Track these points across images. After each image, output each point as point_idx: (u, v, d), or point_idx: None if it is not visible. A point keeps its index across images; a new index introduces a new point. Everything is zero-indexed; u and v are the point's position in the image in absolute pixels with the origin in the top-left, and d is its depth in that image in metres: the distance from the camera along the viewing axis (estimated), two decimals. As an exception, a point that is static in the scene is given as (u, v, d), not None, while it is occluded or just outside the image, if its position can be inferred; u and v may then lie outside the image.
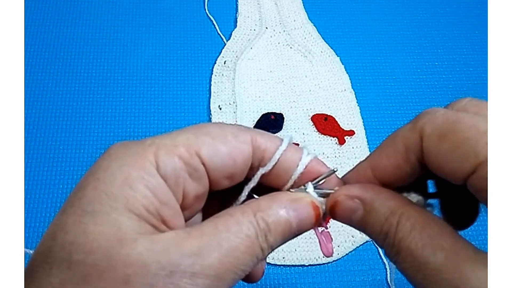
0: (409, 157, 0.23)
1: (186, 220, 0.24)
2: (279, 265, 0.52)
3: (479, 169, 0.20)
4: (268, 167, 0.24)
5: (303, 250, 0.53)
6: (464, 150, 0.20)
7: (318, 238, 0.27)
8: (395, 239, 0.22)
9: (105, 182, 0.21)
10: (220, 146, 0.23)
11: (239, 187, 0.25)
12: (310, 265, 0.52)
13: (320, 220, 0.25)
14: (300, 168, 0.25)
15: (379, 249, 0.53)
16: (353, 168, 0.26)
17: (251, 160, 0.24)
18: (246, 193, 0.25)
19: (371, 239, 0.24)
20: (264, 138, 0.25)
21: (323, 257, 0.52)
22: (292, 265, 0.52)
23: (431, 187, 0.27)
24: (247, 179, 0.25)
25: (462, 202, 0.25)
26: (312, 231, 0.26)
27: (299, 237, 0.25)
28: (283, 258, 0.52)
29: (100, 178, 0.21)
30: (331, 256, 0.26)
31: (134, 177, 0.21)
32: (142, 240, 0.20)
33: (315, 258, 0.52)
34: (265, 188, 0.25)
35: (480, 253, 0.20)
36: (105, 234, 0.19)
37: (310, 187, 0.25)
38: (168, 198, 0.22)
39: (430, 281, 0.20)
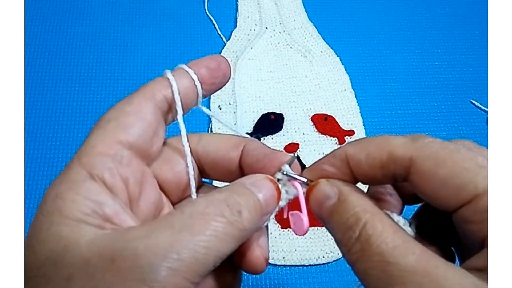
0: (387, 168, 0.23)
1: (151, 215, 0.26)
2: (279, 265, 0.52)
3: (476, 201, 0.20)
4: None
5: (303, 250, 0.53)
6: (461, 180, 0.21)
7: (290, 220, 0.27)
8: (361, 235, 0.21)
9: (41, 208, 0.22)
10: (125, 120, 0.25)
11: None
12: (310, 265, 0.52)
13: (281, 196, 0.25)
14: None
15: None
16: (331, 152, 0.26)
17: (160, 111, 0.26)
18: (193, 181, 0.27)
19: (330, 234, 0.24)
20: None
21: (323, 257, 0.52)
22: (292, 265, 0.52)
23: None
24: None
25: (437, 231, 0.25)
26: (312, 232, 0.26)
27: (299, 237, 0.25)
28: (283, 258, 0.52)
29: (38, 208, 0.23)
30: (305, 234, 0.26)
31: (62, 190, 0.22)
32: (84, 240, 0.21)
33: (315, 258, 0.52)
34: None
35: (452, 264, 0.20)
36: (49, 247, 0.21)
37: (278, 175, 0.26)
38: (103, 197, 0.22)
39: (397, 282, 0.20)
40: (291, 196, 0.26)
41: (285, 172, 0.26)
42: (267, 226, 0.27)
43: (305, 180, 0.26)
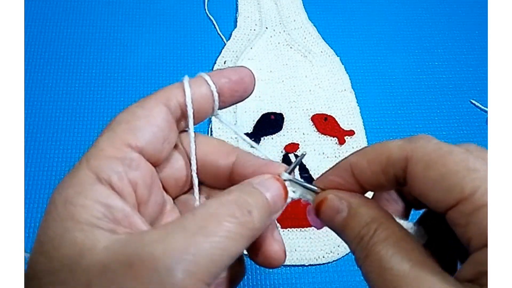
0: (388, 171, 0.23)
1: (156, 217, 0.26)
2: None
3: (462, 203, 0.20)
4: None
5: (303, 250, 0.53)
6: (450, 182, 0.21)
7: (307, 214, 0.28)
8: (369, 243, 0.22)
9: (50, 212, 0.22)
10: (136, 123, 0.24)
11: None
12: (310, 265, 0.52)
13: (287, 193, 0.26)
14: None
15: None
16: (336, 163, 0.26)
17: (173, 117, 0.26)
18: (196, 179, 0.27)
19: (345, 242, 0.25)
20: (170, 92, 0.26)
21: (323, 257, 0.52)
22: (292, 265, 0.52)
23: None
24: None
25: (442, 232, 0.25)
26: (312, 232, 0.26)
27: (299, 237, 0.25)
28: (283, 258, 0.52)
29: (47, 211, 0.22)
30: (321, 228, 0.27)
31: (71, 194, 0.22)
32: (100, 245, 0.21)
33: (315, 258, 0.52)
34: None
35: (446, 275, 0.21)
36: (65, 253, 0.21)
37: (284, 175, 0.26)
38: (112, 200, 0.22)
39: (389, 286, 0.21)
40: (297, 195, 0.27)
41: (293, 179, 0.26)
42: None
43: (314, 188, 0.27)
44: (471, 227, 0.20)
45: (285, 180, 0.26)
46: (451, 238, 0.22)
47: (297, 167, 0.56)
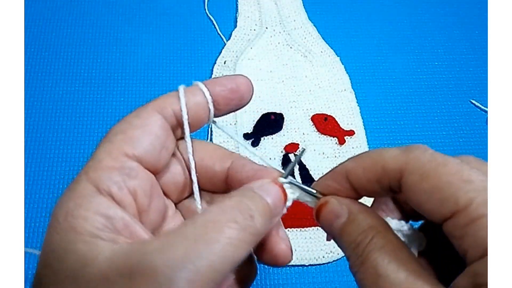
0: (383, 181, 0.24)
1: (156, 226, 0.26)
2: (279, 265, 0.52)
3: (457, 216, 0.20)
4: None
5: (303, 250, 0.53)
6: (444, 195, 0.21)
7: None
8: (365, 250, 0.23)
9: (53, 225, 0.22)
10: (132, 133, 0.24)
11: None
12: (310, 265, 0.52)
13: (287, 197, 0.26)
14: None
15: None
16: (333, 168, 0.26)
17: (169, 125, 0.26)
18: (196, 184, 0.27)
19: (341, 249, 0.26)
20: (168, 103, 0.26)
21: (323, 257, 0.52)
22: (292, 265, 0.52)
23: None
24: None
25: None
26: (312, 232, 0.26)
27: (299, 237, 0.25)
28: (283, 258, 0.52)
29: (49, 225, 0.23)
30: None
31: (72, 207, 0.22)
32: (102, 257, 0.21)
33: (315, 258, 0.52)
34: None
35: (441, 286, 0.21)
36: (68, 265, 0.21)
37: (281, 179, 0.27)
38: (112, 211, 0.22)
39: None
40: (295, 196, 0.27)
41: (291, 181, 0.27)
42: None
43: (313, 191, 0.27)
44: (467, 239, 0.20)
45: (284, 183, 0.27)
46: (450, 248, 0.22)
47: (297, 165, 0.56)
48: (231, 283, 0.26)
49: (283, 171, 0.27)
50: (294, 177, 0.28)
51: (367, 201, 0.26)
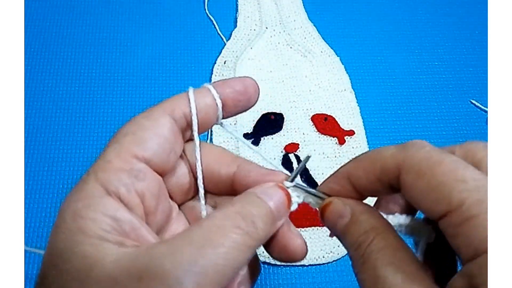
0: (383, 180, 0.24)
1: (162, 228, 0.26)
2: (279, 265, 0.52)
3: (450, 215, 0.20)
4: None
5: (303, 250, 0.52)
6: (438, 194, 0.21)
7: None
8: (366, 251, 0.23)
9: (59, 225, 0.22)
10: (142, 134, 0.25)
11: None
12: (310, 265, 0.52)
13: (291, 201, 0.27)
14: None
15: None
16: (336, 171, 0.27)
17: (178, 127, 0.26)
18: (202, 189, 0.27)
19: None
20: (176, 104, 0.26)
21: (323, 257, 0.52)
22: (292, 265, 0.52)
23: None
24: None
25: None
26: (312, 232, 0.27)
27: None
28: (283, 258, 0.52)
29: (56, 224, 0.23)
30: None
31: (80, 207, 0.22)
32: (109, 259, 0.21)
33: (315, 258, 0.52)
34: None
35: None
36: (75, 266, 0.21)
37: (287, 183, 0.27)
38: (120, 213, 0.23)
39: None
40: (300, 200, 0.27)
41: (297, 185, 0.27)
42: None
43: (319, 194, 0.27)
44: (460, 238, 0.20)
45: (288, 187, 0.27)
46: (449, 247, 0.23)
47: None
48: (244, 279, 0.27)
49: (289, 174, 0.27)
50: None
51: (370, 200, 0.26)
